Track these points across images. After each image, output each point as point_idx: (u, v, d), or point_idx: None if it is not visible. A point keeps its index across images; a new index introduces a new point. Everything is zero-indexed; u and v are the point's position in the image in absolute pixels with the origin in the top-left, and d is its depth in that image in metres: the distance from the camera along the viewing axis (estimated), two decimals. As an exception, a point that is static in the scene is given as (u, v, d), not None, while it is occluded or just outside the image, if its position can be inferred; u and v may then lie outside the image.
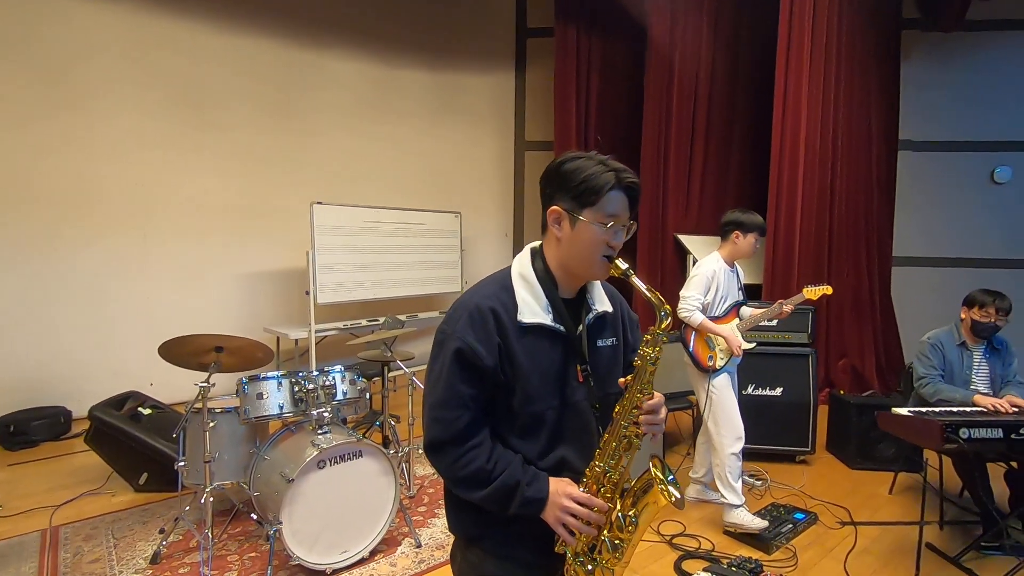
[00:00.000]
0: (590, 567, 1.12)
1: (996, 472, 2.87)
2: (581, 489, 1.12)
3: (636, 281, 1.10)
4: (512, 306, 1.12)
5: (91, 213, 4.80)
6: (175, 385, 4.93)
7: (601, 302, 1.23)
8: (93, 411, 3.30)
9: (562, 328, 1.14)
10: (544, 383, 1.12)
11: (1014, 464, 2.82)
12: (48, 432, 4.24)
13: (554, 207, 1.13)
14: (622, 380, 1.12)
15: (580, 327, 1.17)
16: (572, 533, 1.10)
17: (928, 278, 5.98)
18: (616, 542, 1.10)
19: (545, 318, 1.13)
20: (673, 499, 1.07)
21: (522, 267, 1.17)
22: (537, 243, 1.21)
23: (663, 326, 1.09)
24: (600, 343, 1.21)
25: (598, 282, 1.23)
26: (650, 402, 1.09)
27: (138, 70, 4.95)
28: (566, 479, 1.13)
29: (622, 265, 1.10)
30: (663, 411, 1.13)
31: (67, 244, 4.70)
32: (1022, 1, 5.51)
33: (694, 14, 5.65)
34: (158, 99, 5.05)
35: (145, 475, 3.28)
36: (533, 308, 1.12)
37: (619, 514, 1.11)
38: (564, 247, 1.14)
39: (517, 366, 1.10)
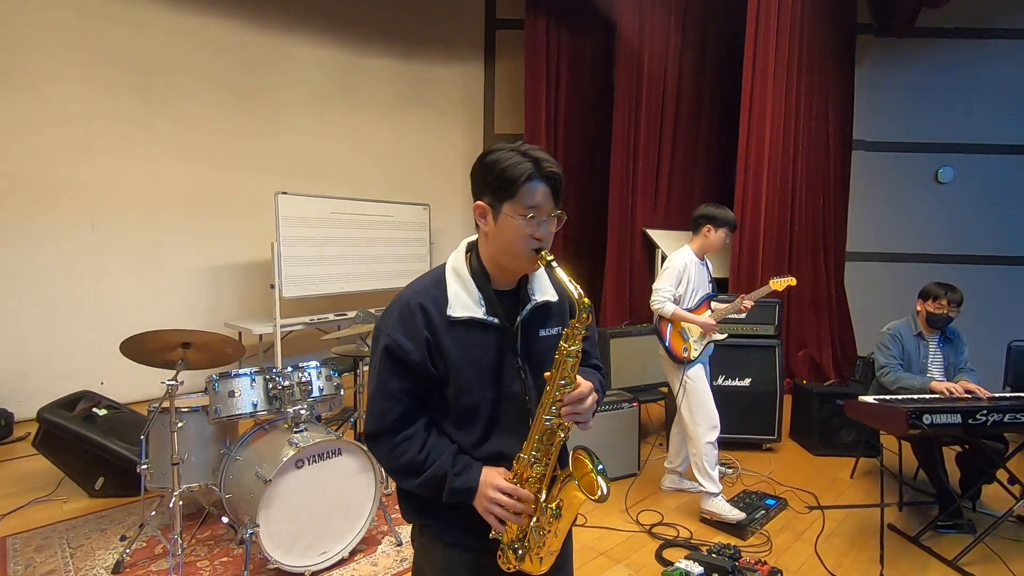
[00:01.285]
0: (520, 552, 1.16)
1: (947, 455, 3.03)
2: (512, 479, 1.14)
3: (560, 273, 1.09)
4: (443, 300, 1.13)
5: (32, 200, 4.47)
6: (128, 384, 4.72)
7: (543, 291, 1.22)
8: (42, 413, 3.08)
9: (495, 320, 1.15)
10: (478, 375, 1.14)
11: (967, 447, 2.99)
12: (-13, 436, 3.94)
13: (478, 202, 1.14)
14: (547, 374, 1.11)
15: (517, 319, 1.18)
16: (502, 522, 1.13)
17: (877, 272, 6.29)
18: (541, 531, 1.14)
19: (477, 311, 1.14)
20: (598, 494, 1.08)
21: (456, 262, 1.18)
22: (473, 237, 1.22)
23: (582, 318, 1.08)
24: (543, 332, 1.21)
25: (540, 271, 1.21)
26: (571, 394, 1.09)
27: (78, 42, 4.62)
28: (500, 469, 1.15)
29: (548, 256, 1.10)
30: (589, 400, 1.12)
31: (3, 231, 4.36)
32: (968, 10, 5.82)
33: (662, 11, 5.73)
34: (103, 74, 4.73)
35: (101, 479, 3.09)
36: (464, 302, 1.14)
37: (544, 504, 1.13)
38: (491, 242, 1.14)
39: (448, 359, 1.12)
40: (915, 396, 2.83)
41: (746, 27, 5.04)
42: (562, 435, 1.12)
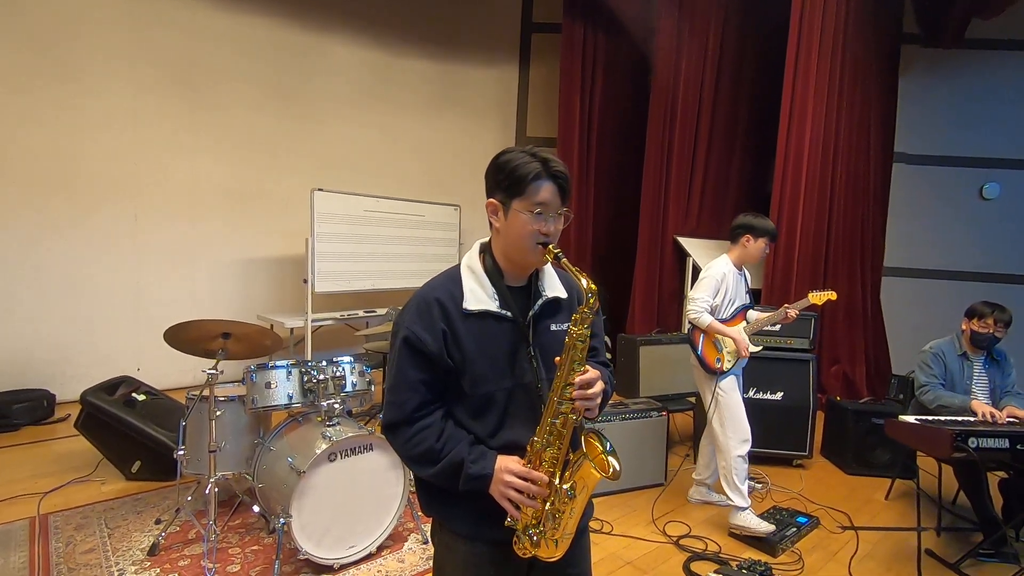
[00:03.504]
0: (536, 538, 1.18)
1: (990, 481, 2.93)
2: (527, 464, 1.17)
3: (567, 264, 1.16)
4: (459, 295, 1.19)
5: (79, 190, 4.64)
6: (162, 371, 4.85)
7: (552, 288, 1.28)
8: (85, 396, 3.18)
9: (508, 314, 1.20)
10: (493, 366, 1.19)
11: (1012, 473, 2.88)
12: (30, 416, 4.09)
13: (490, 200, 1.21)
14: (557, 359, 1.15)
15: (529, 312, 1.23)
16: (518, 507, 1.16)
17: (916, 289, 6.11)
18: (556, 514, 1.17)
19: (491, 304, 1.19)
20: (611, 471, 1.14)
21: (470, 260, 1.25)
22: (487, 238, 1.29)
23: (590, 303, 1.14)
24: (553, 327, 1.26)
25: (549, 268, 1.28)
26: (581, 377, 1.13)
27: (131, 44, 4.79)
28: (514, 456, 1.18)
29: (555, 249, 1.17)
30: (597, 386, 1.16)
31: (52, 222, 4.54)
32: (1020, 22, 5.62)
33: (701, 17, 5.67)
34: (152, 75, 4.90)
35: (138, 463, 3.17)
36: (479, 296, 1.19)
37: (558, 486, 1.16)
38: (502, 237, 1.21)
39: (464, 350, 1.17)
40: (959, 418, 2.74)
41: (788, 33, 4.95)
42: (574, 418, 1.15)
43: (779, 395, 3.79)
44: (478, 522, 1.21)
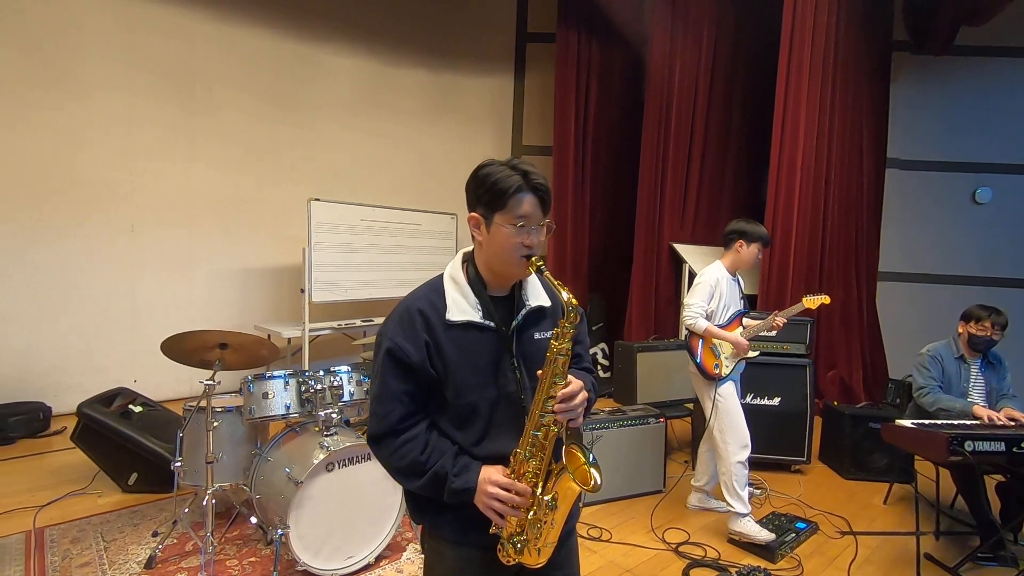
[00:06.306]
0: (519, 545, 1.19)
1: (988, 484, 2.93)
2: (510, 474, 1.18)
3: (549, 277, 1.18)
4: (442, 306, 1.19)
5: (74, 198, 4.64)
6: (159, 382, 4.83)
7: (536, 297, 1.28)
8: (82, 408, 3.16)
9: (491, 324, 1.20)
10: (476, 376, 1.19)
11: (1009, 476, 2.89)
12: (25, 429, 4.06)
13: (472, 213, 1.21)
14: (539, 372, 1.16)
15: (513, 323, 1.23)
16: (502, 516, 1.16)
17: (908, 293, 6.14)
18: (538, 523, 1.18)
19: (474, 315, 1.20)
20: (592, 484, 1.14)
21: (453, 270, 1.25)
22: (469, 248, 1.29)
23: (571, 318, 1.14)
24: (537, 336, 1.26)
25: (532, 277, 1.28)
26: (563, 390, 1.13)
27: (125, 50, 4.80)
28: (498, 467, 1.19)
29: (537, 262, 1.18)
30: (580, 396, 1.16)
31: (46, 231, 4.53)
32: (1009, 29, 5.70)
33: (694, 25, 5.72)
34: (147, 82, 4.91)
35: (135, 475, 3.15)
36: (462, 306, 1.19)
37: (540, 497, 1.17)
38: (485, 249, 1.21)
39: (447, 361, 1.17)
40: (955, 421, 2.75)
41: (780, 42, 5.01)
42: (556, 430, 1.16)
43: (776, 400, 3.80)
44: (466, 529, 1.22)
